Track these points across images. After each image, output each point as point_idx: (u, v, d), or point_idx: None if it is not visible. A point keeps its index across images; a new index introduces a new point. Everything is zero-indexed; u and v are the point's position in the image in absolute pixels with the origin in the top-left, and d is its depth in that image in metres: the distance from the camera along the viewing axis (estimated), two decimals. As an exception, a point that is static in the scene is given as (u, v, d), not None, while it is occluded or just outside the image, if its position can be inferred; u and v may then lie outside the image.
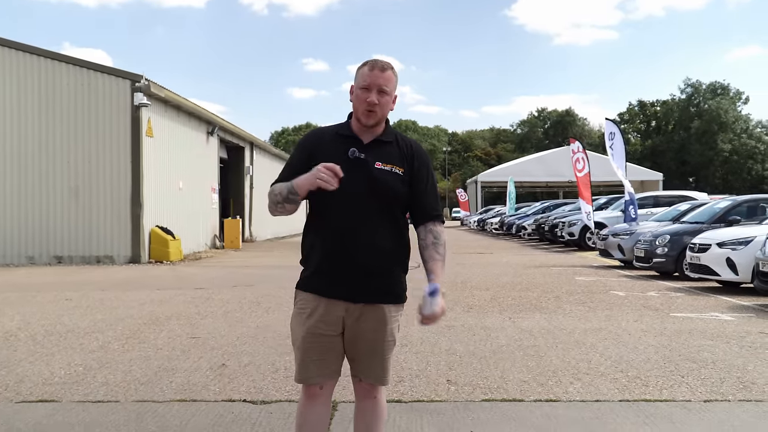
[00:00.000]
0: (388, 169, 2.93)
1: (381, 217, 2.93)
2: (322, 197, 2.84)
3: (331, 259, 2.89)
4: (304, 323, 2.98)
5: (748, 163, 76.11)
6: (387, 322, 3.00)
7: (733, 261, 11.31)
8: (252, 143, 30.34)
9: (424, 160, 3.07)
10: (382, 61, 2.94)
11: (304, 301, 3.00)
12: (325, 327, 2.95)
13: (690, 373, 5.82)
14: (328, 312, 2.93)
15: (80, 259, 17.96)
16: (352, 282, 2.90)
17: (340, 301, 2.92)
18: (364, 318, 2.96)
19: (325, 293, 2.93)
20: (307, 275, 3.01)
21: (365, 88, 2.88)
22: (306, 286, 3.01)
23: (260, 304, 9.95)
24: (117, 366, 6.15)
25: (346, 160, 2.87)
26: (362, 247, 2.88)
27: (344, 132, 2.99)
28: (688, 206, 17.29)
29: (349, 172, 2.81)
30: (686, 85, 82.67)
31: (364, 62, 2.95)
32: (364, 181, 2.87)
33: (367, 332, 2.98)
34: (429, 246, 3.01)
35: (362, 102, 2.89)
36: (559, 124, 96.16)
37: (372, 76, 2.88)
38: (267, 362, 6.25)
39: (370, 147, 2.95)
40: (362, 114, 2.91)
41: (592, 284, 12.72)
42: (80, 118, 18.05)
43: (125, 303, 10.22)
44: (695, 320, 8.61)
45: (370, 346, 3.01)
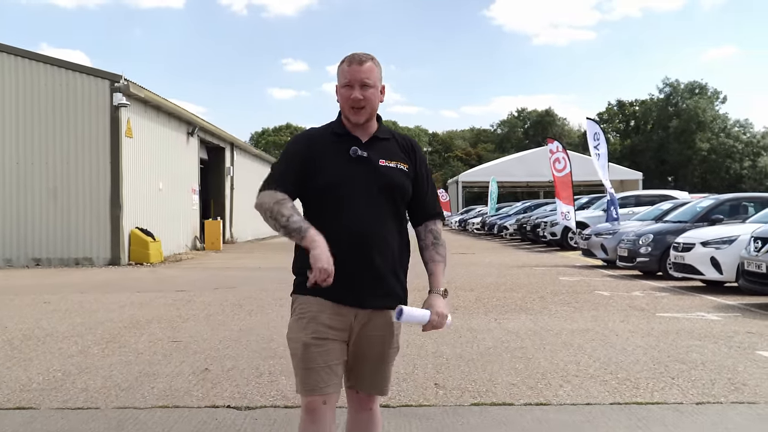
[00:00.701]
0: (393, 165, 2.83)
1: (390, 216, 2.81)
2: (328, 199, 2.74)
3: (340, 263, 2.63)
4: (306, 327, 2.73)
5: (726, 162, 76.69)
6: (394, 328, 2.88)
7: (717, 260, 11.33)
8: (232, 144, 30.12)
9: (423, 157, 2.98)
10: (359, 54, 2.80)
11: (306, 305, 2.76)
12: (333, 333, 2.74)
13: (680, 375, 5.77)
14: (336, 317, 2.74)
15: (59, 262, 17.69)
16: (363, 286, 2.74)
17: (348, 306, 2.75)
18: (372, 324, 2.81)
19: (332, 297, 2.72)
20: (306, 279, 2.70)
21: (347, 85, 2.77)
22: (309, 289, 2.70)
23: (242, 307, 9.81)
24: (97, 371, 6.01)
25: (349, 159, 2.77)
26: (375, 248, 2.74)
27: (340, 131, 2.85)
28: (670, 205, 17.33)
29: (355, 171, 2.75)
30: (665, 84, 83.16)
31: (342, 59, 2.83)
32: (371, 179, 2.76)
33: (375, 339, 2.83)
34: (429, 247, 2.93)
35: (347, 100, 2.78)
36: (539, 124, 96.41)
37: (351, 71, 2.76)
38: (251, 366, 6.13)
39: (371, 144, 2.83)
40: (350, 112, 2.79)
41: (576, 284, 12.69)
42: (58, 118, 17.78)
43: (105, 306, 10.04)
44: (682, 320, 8.58)
45: (377, 355, 2.86)
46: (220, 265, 18.25)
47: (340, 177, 2.74)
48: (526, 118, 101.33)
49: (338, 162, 2.75)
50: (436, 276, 2.90)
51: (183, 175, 22.95)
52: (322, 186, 2.76)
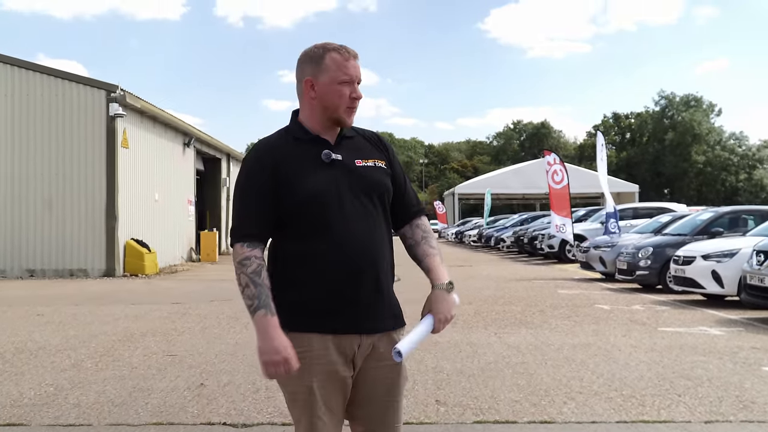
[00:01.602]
0: (371, 164, 2.47)
1: (380, 223, 2.45)
2: (309, 216, 2.34)
3: (338, 285, 2.32)
4: (309, 369, 2.33)
5: (721, 174, 76.87)
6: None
7: (718, 273, 11.22)
8: (229, 155, 30.04)
9: (394, 151, 2.63)
10: (347, 46, 2.46)
11: (302, 343, 2.34)
12: (337, 368, 2.37)
13: (686, 392, 5.65)
14: (339, 352, 2.37)
15: (53, 273, 17.53)
16: (366, 310, 2.38)
17: (351, 335, 2.38)
18: (379, 353, 2.43)
19: (333, 329, 2.35)
20: (302, 312, 2.37)
21: (347, 81, 2.39)
22: (301, 325, 2.36)
23: (239, 320, 9.67)
24: (90, 386, 5.87)
25: (322, 165, 2.39)
26: (374, 264, 2.39)
27: (302, 135, 2.44)
28: (669, 218, 17.24)
29: (333, 178, 2.37)
30: (660, 97, 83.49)
31: (324, 47, 2.43)
32: (353, 184, 2.39)
33: (384, 371, 2.46)
34: (420, 242, 2.56)
35: (346, 98, 2.39)
36: (534, 137, 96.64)
37: (351, 67, 2.40)
38: (247, 382, 6.00)
39: (340, 145, 2.46)
40: (345, 112, 2.41)
41: (575, 297, 12.58)
42: (54, 128, 17.67)
43: (99, 318, 9.90)
44: (684, 335, 8.46)
45: (387, 388, 2.48)
46: (215, 276, 18.09)
47: (319, 187, 2.35)
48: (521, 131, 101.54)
49: (311, 171, 2.38)
50: (435, 270, 2.50)
51: (179, 186, 22.83)
52: (299, 203, 2.35)
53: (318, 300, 2.35)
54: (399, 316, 2.53)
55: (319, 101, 2.41)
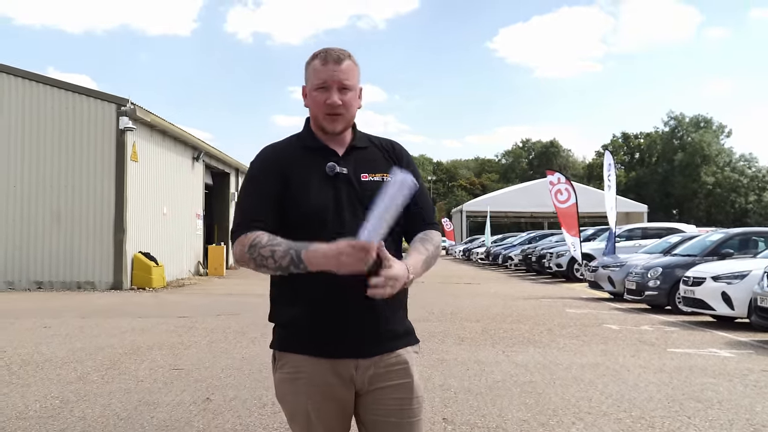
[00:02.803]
0: (378, 179, 2.31)
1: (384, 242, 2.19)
2: (308, 231, 2.18)
3: (328, 310, 2.21)
4: (304, 391, 2.25)
5: (731, 196, 76.64)
6: (411, 372, 2.32)
7: (728, 295, 11.14)
8: (237, 169, 30.12)
9: (411, 162, 2.45)
10: (335, 49, 2.32)
11: (295, 365, 2.27)
12: (332, 390, 2.26)
13: (696, 414, 5.59)
14: (333, 374, 2.25)
15: (61, 285, 17.55)
16: (360, 330, 2.24)
17: (345, 359, 2.25)
18: (382, 373, 2.28)
19: (325, 352, 2.24)
20: (293, 332, 2.28)
21: (321, 87, 2.27)
22: (294, 346, 2.27)
23: (245, 334, 9.65)
24: (96, 399, 5.85)
25: (326, 177, 2.27)
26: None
27: (311, 144, 2.34)
28: (678, 238, 17.16)
29: (336, 192, 2.26)
30: (669, 117, 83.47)
31: (312, 55, 2.33)
32: (355, 201, 2.26)
33: (390, 392, 2.29)
34: (416, 241, 2.36)
35: (321, 105, 2.27)
36: (543, 155, 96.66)
37: (327, 71, 2.26)
38: (253, 396, 5.97)
39: (349, 157, 2.33)
40: (324, 120, 2.29)
41: (583, 317, 12.50)
42: (64, 141, 17.75)
43: (106, 331, 9.88)
44: (694, 356, 8.39)
45: (395, 408, 2.29)
46: (223, 291, 18.09)
47: (321, 202, 2.24)
48: (530, 149, 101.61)
49: (314, 183, 2.26)
50: (412, 256, 2.25)
51: (187, 200, 22.89)
52: (299, 216, 2.24)
53: (309, 321, 2.24)
54: (403, 336, 2.35)
55: (310, 109, 2.35)
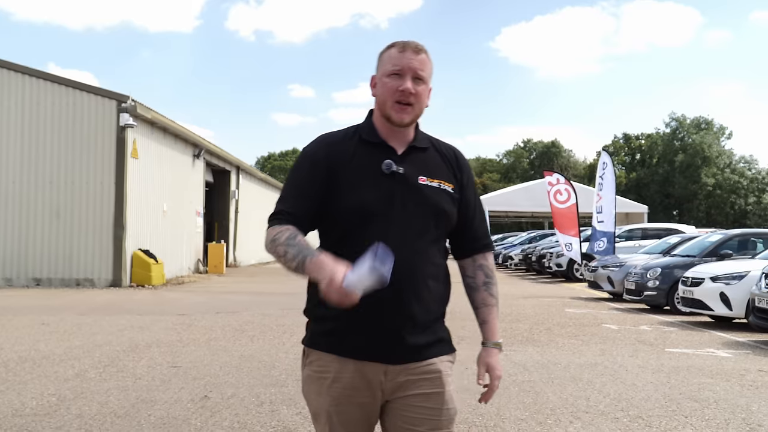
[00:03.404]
0: (435, 185, 2.24)
1: (429, 249, 2.23)
2: (353, 228, 2.16)
3: (368, 309, 2.08)
4: (327, 391, 2.19)
5: (731, 197, 76.55)
6: (444, 382, 2.23)
7: (727, 296, 11.15)
8: (238, 167, 30.11)
9: (470, 173, 2.39)
10: (413, 41, 2.25)
11: (324, 364, 2.21)
12: (357, 393, 2.18)
13: (693, 414, 5.59)
14: (360, 377, 2.17)
15: (59, 282, 17.55)
16: (393, 337, 2.15)
17: (375, 363, 2.17)
18: (413, 381, 2.19)
19: (353, 354, 2.16)
20: (324, 329, 2.22)
21: (396, 74, 2.20)
22: (322, 345, 2.21)
23: (244, 332, 9.65)
24: (93, 396, 5.85)
25: (381, 175, 2.19)
26: (413, 292, 2.16)
27: (370, 138, 2.26)
28: (678, 239, 17.17)
29: (389, 192, 2.17)
30: (671, 119, 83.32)
31: (388, 45, 2.28)
32: (408, 202, 2.18)
33: (419, 400, 2.19)
34: (480, 287, 2.35)
35: (393, 91, 2.19)
36: (545, 155, 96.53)
37: (403, 58, 2.20)
38: (251, 394, 5.97)
39: (407, 157, 2.25)
40: (392, 108, 2.20)
41: (582, 317, 12.51)
42: (64, 137, 17.75)
43: (104, 329, 9.88)
44: (692, 356, 8.40)
45: (423, 421, 2.19)
46: (222, 289, 18.09)
47: (370, 200, 2.16)
48: (531, 149, 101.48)
49: (367, 180, 2.18)
50: (491, 325, 2.32)
51: (188, 198, 22.88)
52: (345, 212, 2.18)
53: (341, 320, 2.15)
54: (437, 344, 2.26)
55: (378, 98, 2.27)
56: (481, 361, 2.30)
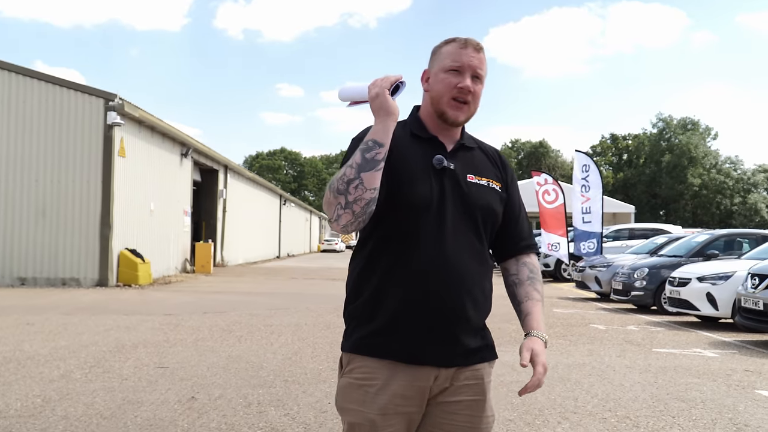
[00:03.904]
0: (484, 183, 2.20)
1: (477, 248, 2.15)
2: (406, 221, 2.07)
3: (419, 310, 2.04)
4: (372, 401, 2.06)
5: (716, 197, 77.02)
6: (485, 389, 2.17)
7: (713, 296, 11.21)
8: (226, 166, 30.00)
9: (513, 174, 2.36)
10: (474, 39, 2.18)
11: (368, 370, 2.08)
12: (405, 402, 2.07)
13: (680, 414, 5.60)
14: (411, 383, 2.06)
15: (45, 282, 17.42)
16: (448, 337, 2.07)
17: (427, 367, 2.07)
18: (456, 387, 2.12)
19: (406, 358, 2.06)
20: (370, 331, 2.09)
21: (455, 69, 2.12)
22: (370, 349, 2.09)
23: (232, 332, 9.61)
24: (78, 398, 5.80)
25: (432, 171, 2.13)
26: (467, 291, 2.09)
27: (421, 133, 2.20)
28: (665, 239, 17.26)
29: (440, 187, 2.11)
30: (658, 119, 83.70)
31: (446, 40, 2.21)
32: (458, 200, 2.13)
33: (460, 408, 2.13)
34: (524, 282, 2.26)
35: (450, 88, 2.12)
36: (532, 155, 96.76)
37: (464, 54, 2.13)
38: (239, 395, 5.94)
39: (457, 154, 2.20)
40: (448, 104, 2.13)
41: (570, 317, 12.53)
42: (50, 135, 17.61)
43: (90, 329, 9.81)
44: (679, 356, 8.43)
45: (463, 428, 2.14)
46: (209, 288, 18.02)
47: (422, 194, 2.09)
48: (519, 149, 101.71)
49: (419, 173, 2.11)
50: (535, 315, 2.21)
51: (175, 197, 22.78)
52: (398, 203, 2.07)
53: (394, 321, 2.07)
54: (484, 349, 2.19)
55: (430, 93, 2.20)
56: (525, 347, 2.13)
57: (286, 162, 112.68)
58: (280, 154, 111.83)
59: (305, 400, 5.80)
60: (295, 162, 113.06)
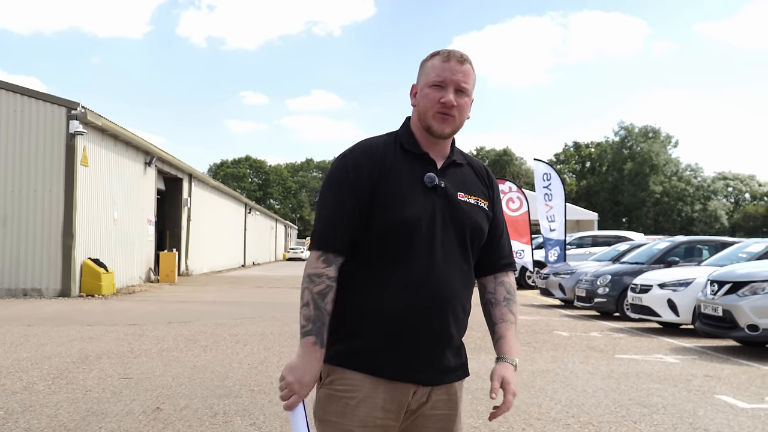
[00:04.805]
0: (473, 202, 2.21)
1: (463, 267, 2.18)
2: (394, 242, 2.09)
3: (404, 328, 2.08)
4: (352, 413, 2.09)
5: (678, 204, 78.42)
6: (458, 405, 2.23)
7: (674, 302, 11.43)
8: (191, 175, 29.80)
9: (499, 192, 2.36)
10: (458, 51, 2.19)
11: (350, 384, 2.10)
12: (384, 415, 2.10)
13: (642, 419, 5.71)
14: (390, 398, 2.10)
15: (5, 292, 17.12)
16: (430, 357, 2.12)
17: (407, 383, 2.11)
18: (432, 402, 2.16)
19: (389, 374, 2.09)
20: (355, 347, 2.11)
21: (437, 84, 2.15)
22: (353, 363, 2.11)
23: (197, 342, 9.56)
24: (41, 410, 5.74)
25: (423, 189, 2.14)
26: (452, 312, 2.13)
27: (412, 148, 2.20)
28: (627, 246, 17.53)
29: (431, 206, 2.12)
30: (620, 127, 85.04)
31: (433, 53, 2.22)
32: (448, 219, 2.14)
33: (435, 422, 2.18)
34: (500, 303, 2.29)
35: (433, 102, 2.15)
36: (497, 163, 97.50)
37: (447, 68, 2.15)
38: (204, 405, 5.92)
39: (446, 171, 2.21)
40: (434, 119, 2.16)
41: (534, 324, 12.67)
42: (11, 144, 17.36)
43: (53, 340, 9.69)
44: (641, 362, 8.57)
45: None
46: (174, 298, 17.87)
47: (415, 213, 2.10)
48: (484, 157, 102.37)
49: (410, 193, 2.12)
50: (508, 340, 2.24)
51: (139, 206, 22.56)
52: (391, 224, 2.10)
53: (379, 338, 2.10)
54: (462, 367, 2.25)
55: (417, 108, 2.23)
56: (495, 375, 2.16)
57: (251, 170, 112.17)
58: (245, 162, 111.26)
59: (271, 409, 5.81)
60: (260, 170, 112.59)
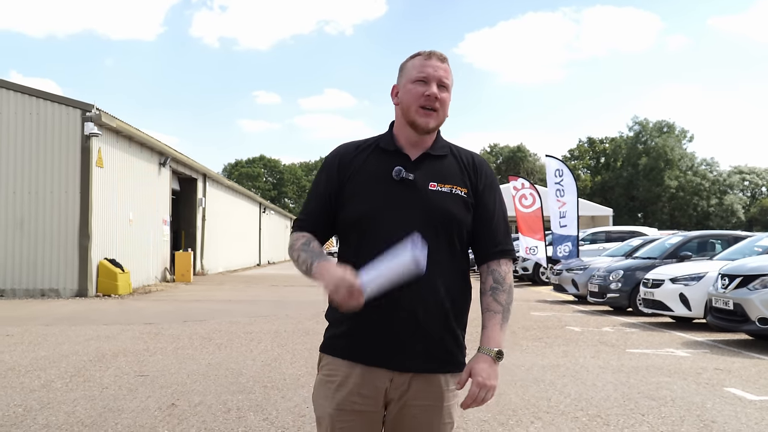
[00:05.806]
0: (446, 190, 2.28)
1: (441, 255, 2.24)
2: (362, 232, 2.24)
3: (375, 314, 2.18)
4: (332, 396, 2.25)
5: (693, 199, 77.92)
6: (444, 398, 2.29)
7: (686, 296, 11.44)
8: (205, 175, 29.98)
9: (490, 178, 2.40)
10: (437, 51, 2.32)
11: (332, 368, 2.28)
12: (361, 401, 2.23)
13: (650, 412, 5.76)
14: (365, 382, 2.23)
15: (24, 293, 17.34)
16: (400, 344, 2.22)
17: (382, 369, 2.23)
18: (413, 392, 2.25)
19: (361, 359, 2.23)
20: (336, 334, 2.30)
21: (421, 80, 2.26)
22: (334, 349, 2.29)
23: (211, 340, 9.68)
24: (59, 407, 5.86)
25: (391, 182, 2.26)
26: (416, 296, 2.19)
27: (386, 145, 2.33)
28: (640, 242, 17.52)
29: (397, 198, 2.24)
30: (634, 122, 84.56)
31: (412, 54, 2.35)
32: (416, 209, 2.23)
33: (417, 412, 2.26)
34: (486, 292, 2.32)
35: (418, 97, 2.25)
36: (511, 160, 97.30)
37: (429, 65, 2.27)
38: (219, 402, 6.03)
39: (420, 164, 2.30)
40: (417, 113, 2.26)
41: (547, 319, 12.71)
42: (27, 147, 17.56)
43: (70, 339, 9.84)
44: (651, 356, 8.61)
45: (423, 428, 2.29)
46: (189, 297, 18.03)
47: (376, 206, 2.24)
48: (498, 154, 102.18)
49: (376, 187, 2.26)
50: (488, 330, 2.27)
51: (154, 206, 22.75)
52: (353, 218, 2.27)
53: (354, 325, 2.23)
54: (452, 360, 2.32)
55: (400, 105, 2.33)
56: (467, 366, 2.26)
57: (266, 169, 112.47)
58: (259, 161, 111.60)
59: (284, 405, 5.91)
60: (275, 169, 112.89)
